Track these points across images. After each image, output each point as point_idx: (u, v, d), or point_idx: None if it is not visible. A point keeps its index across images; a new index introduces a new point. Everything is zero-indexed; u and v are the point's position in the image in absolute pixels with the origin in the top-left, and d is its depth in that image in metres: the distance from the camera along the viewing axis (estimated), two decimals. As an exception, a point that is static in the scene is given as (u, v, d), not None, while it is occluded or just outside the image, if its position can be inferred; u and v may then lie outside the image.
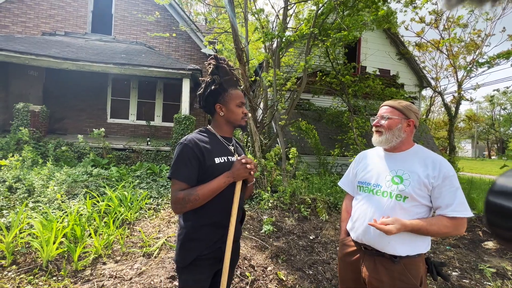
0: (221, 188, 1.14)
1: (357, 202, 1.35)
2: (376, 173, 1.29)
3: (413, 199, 1.16)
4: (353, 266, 1.30)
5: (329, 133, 8.50)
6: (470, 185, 6.72)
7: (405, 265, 1.16)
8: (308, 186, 5.26)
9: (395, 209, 1.18)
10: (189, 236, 1.16)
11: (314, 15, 5.38)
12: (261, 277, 2.46)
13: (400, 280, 1.16)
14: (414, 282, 1.15)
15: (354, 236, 1.30)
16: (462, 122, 33.80)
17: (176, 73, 7.15)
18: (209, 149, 1.16)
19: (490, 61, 5.16)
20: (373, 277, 1.20)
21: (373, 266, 1.22)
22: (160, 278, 2.29)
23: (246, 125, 1.30)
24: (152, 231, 3.23)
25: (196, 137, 1.18)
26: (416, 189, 1.15)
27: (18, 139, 5.94)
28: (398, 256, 1.16)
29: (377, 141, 1.31)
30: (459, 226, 1.12)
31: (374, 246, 1.22)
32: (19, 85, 7.56)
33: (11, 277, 2.14)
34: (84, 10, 8.63)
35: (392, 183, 1.21)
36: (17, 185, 3.92)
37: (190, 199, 1.08)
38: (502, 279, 2.75)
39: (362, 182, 1.34)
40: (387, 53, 9.67)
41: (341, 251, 1.39)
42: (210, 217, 1.16)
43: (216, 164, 1.15)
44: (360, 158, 1.45)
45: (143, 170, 5.81)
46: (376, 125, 1.31)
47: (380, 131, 1.29)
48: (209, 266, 1.19)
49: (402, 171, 1.22)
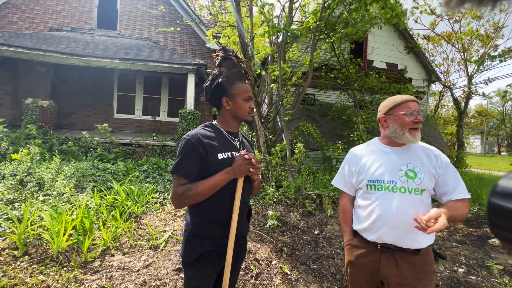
0: (221, 184, 1.11)
1: (370, 202, 1.27)
2: (386, 169, 1.25)
3: (428, 191, 1.20)
4: (369, 268, 1.26)
5: (334, 128, 8.42)
6: (479, 181, 6.61)
7: (424, 255, 1.20)
8: (313, 181, 5.25)
9: (415, 203, 1.19)
10: (195, 233, 1.15)
11: (321, 9, 5.28)
12: (266, 271, 2.48)
13: (422, 271, 1.19)
14: (432, 269, 1.21)
15: (374, 237, 1.24)
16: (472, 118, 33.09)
17: (181, 68, 7.15)
18: (212, 144, 1.14)
19: (504, 54, 5.00)
20: (395, 275, 1.19)
21: (394, 263, 1.20)
22: (167, 270, 2.33)
23: (253, 120, 1.26)
24: (158, 224, 3.28)
25: (200, 132, 1.16)
26: (429, 181, 1.20)
27: (28, 133, 6.06)
28: (420, 249, 1.19)
29: (417, 138, 1.25)
30: (468, 206, 1.18)
31: (400, 244, 1.19)
32: (28, 81, 7.68)
33: (24, 267, 2.22)
34: (90, 5, 8.66)
35: (407, 177, 1.21)
36: (28, 178, 4.02)
37: (189, 195, 1.07)
38: (510, 276, 2.72)
39: (373, 180, 1.27)
40: (395, 47, 9.46)
41: (351, 254, 1.33)
42: (214, 213, 1.15)
43: (219, 160, 1.13)
44: (357, 156, 1.37)
45: (149, 164, 5.89)
46: (420, 121, 1.24)
47: (418, 128, 1.25)
48: (215, 262, 1.17)
49: (412, 164, 1.22)
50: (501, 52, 5.01)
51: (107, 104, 8.82)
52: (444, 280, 2.55)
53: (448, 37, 12.59)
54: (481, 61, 6.59)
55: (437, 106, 15.01)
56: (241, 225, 1.20)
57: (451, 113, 24.39)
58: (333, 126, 8.45)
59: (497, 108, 39.39)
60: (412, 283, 1.18)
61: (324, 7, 5.27)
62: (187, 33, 9.12)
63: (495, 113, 38.02)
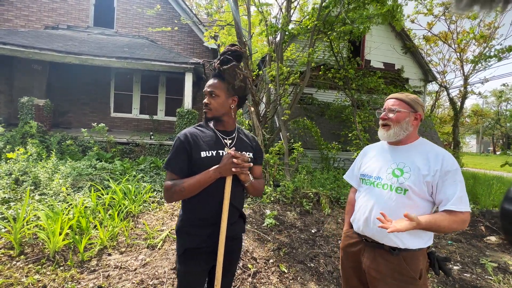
0: (207, 181, 1.12)
1: (359, 194, 1.37)
2: (378, 166, 1.29)
3: (413, 192, 1.15)
4: (354, 256, 1.32)
5: (331, 127, 8.45)
6: (474, 180, 6.68)
7: (404, 257, 1.16)
8: (311, 180, 5.27)
9: (395, 202, 1.17)
10: (182, 228, 1.21)
11: (318, 8, 5.29)
12: (263, 269, 2.49)
13: (398, 272, 1.16)
14: (412, 275, 1.15)
15: (356, 228, 1.32)
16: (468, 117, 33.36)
17: (179, 67, 7.12)
18: (197, 142, 1.18)
19: (498, 54, 5.06)
20: (372, 268, 1.22)
21: (373, 257, 1.23)
22: (164, 269, 2.33)
23: (207, 115, 1.22)
24: (155, 223, 3.28)
25: (189, 130, 1.21)
26: (416, 182, 1.14)
27: (24, 132, 6.00)
28: (397, 249, 1.17)
29: (384, 135, 1.28)
30: (464, 220, 1.10)
31: (374, 238, 1.23)
32: (23, 79, 7.60)
33: (20, 267, 2.20)
34: (86, 3, 8.59)
35: (393, 175, 1.20)
36: (24, 177, 3.98)
37: (176, 190, 1.12)
38: (504, 274, 2.76)
39: (364, 174, 1.35)
40: (392, 47, 9.51)
41: (344, 242, 1.41)
42: (201, 210, 1.18)
43: (201, 158, 1.15)
44: (365, 152, 1.45)
45: (146, 163, 5.86)
46: (384, 118, 1.26)
47: (387, 125, 1.25)
48: (204, 260, 1.19)
49: (403, 163, 1.21)
50: (495, 52, 5.07)
51: (104, 102, 8.76)
52: (439, 278, 2.58)
53: (444, 37, 12.69)
54: (477, 61, 6.65)
55: (433, 106, 15.09)
56: (230, 226, 1.19)
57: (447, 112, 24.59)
58: (330, 126, 8.47)
59: (492, 108, 39.78)
60: (386, 279, 1.17)
61: (322, 6, 5.28)
62: (184, 31, 9.09)
63: (491, 113, 38.40)
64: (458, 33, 12.38)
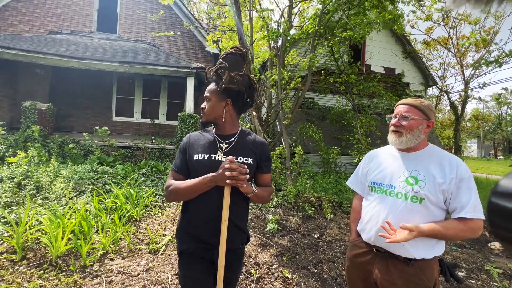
0: (201, 187, 1.10)
1: (368, 203, 1.30)
2: (389, 173, 1.23)
3: (429, 201, 1.11)
4: (364, 267, 1.26)
5: (333, 132, 8.46)
6: (477, 185, 6.64)
7: (419, 267, 1.12)
8: (313, 185, 5.26)
9: (411, 212, 1.13)
10: (178, 230, 1.25)
11: (319, 14, 5.34)
12: (266, 275, 2.47)
13: (414, 283, 1.12)
14: (428, 285, 1.11)
15: (366, 238, 1.25)
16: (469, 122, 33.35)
17: (181, 72, 7.17)
18: (193, 145, 1.22)
19: (499, 59, 5.09)
20: (386, 280, 1.16)
21: (385, 268, 1.18)
22: (167, 274, 2.32)
23: (202, 120, 1.24)
24: (158, 228, 3.26)
25: (192, 134, 1.28)
26: (432, 191, 1.10)
27: (27, 136, 6.02)
28: (412, 259, 1.12)
29: (396, 142, 1.23)
30: (475, 229, 1.06)
31: (387, 249, 1.17)
32: (27, 84, 7.66)
33: (22, 272, 2.19)
34: (90, 8, 8.69)
35: (407, 184, 1.16)
36: (26, 181, 3.98)
37: (171, 189, 1.15)
38: (509, 280, 2.73)
39: (374, 182, 1.28)
40: (393, 52, 9.57)
41: (351, 252, 1.35)
42: (191, 217, 1.19)
43: (194, 161, 1.18)
44: (371, 157, 1.38)
45: (148, 168, 5.86)
46: (397, 125, 1.22)
47: (400, 132, 1.21)
48: (201, 267, 1.17)
49: (417, 171, 1.16)
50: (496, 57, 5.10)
51: (106, 106, 8.80)
52: (444, 284, 2.55)
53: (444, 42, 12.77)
54: (477, 66, 6.68)
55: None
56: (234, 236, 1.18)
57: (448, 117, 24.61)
58: (331, 130, 8.49)
59: (493, 112, 39.79)
60: None
61: (323, 12, 5.34)
62: (186, 36, 9.17)
63: (492, 117, 38.40)
64: (458, 38, 12.47)
